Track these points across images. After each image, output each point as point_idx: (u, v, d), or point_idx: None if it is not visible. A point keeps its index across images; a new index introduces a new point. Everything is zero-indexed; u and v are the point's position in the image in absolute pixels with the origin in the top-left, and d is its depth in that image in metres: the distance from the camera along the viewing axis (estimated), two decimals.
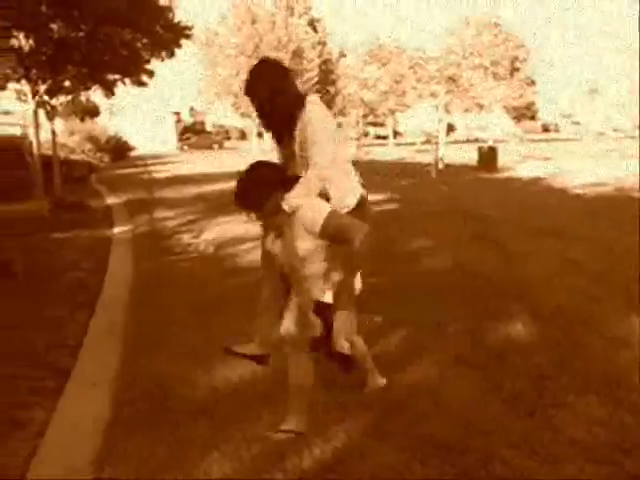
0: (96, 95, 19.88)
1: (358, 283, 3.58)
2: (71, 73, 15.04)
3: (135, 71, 16.21)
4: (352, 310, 3.46)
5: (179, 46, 16.63)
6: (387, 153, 41.35)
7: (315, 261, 3.22)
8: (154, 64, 16.68)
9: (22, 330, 5.41)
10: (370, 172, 16.94)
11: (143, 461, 3.23)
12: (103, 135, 35.74)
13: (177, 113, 65.87)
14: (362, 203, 3.61)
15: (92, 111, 42.51)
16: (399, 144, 56.56)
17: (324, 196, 3.32)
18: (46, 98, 15.40)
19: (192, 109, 72.83)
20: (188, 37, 16.79)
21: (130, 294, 6.53)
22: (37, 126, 14.69)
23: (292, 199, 3.15)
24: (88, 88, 17.07)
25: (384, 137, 61.84)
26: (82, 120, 36.31)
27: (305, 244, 3.16)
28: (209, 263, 7.92)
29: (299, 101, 3.43)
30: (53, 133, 16.46)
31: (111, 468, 3.19)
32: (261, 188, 3.16)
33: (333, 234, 3.08)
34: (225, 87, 49.18)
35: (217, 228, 10.40)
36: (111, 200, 16.22)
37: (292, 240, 3.18)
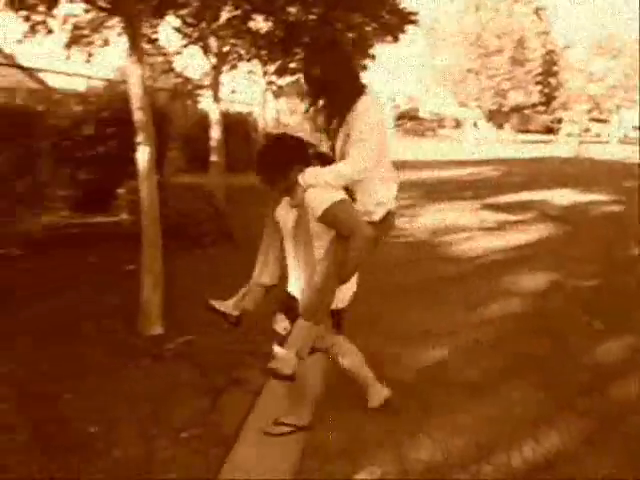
0: None
1: (349, 291, 3.24)
2: (298, 55, 15.60)
3: (360, 55, 16.45)
4: (322, 323, 3.13)
5: (404, 31, 16.60)
6: (607, 152, 38.69)
7: (319, 248, 3.04)
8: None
9: None
10: (592, 171, 15.99)
11: (352, 433, 3.34)
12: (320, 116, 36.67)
13: (393, 99, 66.35)
14: (387, 220, 3.27)
15: None
16: (623, 142, 52.76)
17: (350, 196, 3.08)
18: (273, 78, 16.13)
19: (408, 95, 72.93)
20: (413, 22, 16.70)
21: None
22: (264, 104, 15.42)
23: (309, 176, 2.96)
24: None
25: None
26: (302, 100, 37.68)
27: (316, 226, 3.00)
28: (423, 249, 7.88)
29: (355, 92, 3.13)
30: (277, 112, 17.21)
31: (322, 433, 3.34)
32: (279, 161, 3.02)
33: (331, 222, 2.93)
34: (444, 75, 48.60)
35: (432, 215, 10.33)
36: None
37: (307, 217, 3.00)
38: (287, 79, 17.78)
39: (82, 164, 8.68)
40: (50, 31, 8.42)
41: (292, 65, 16.61)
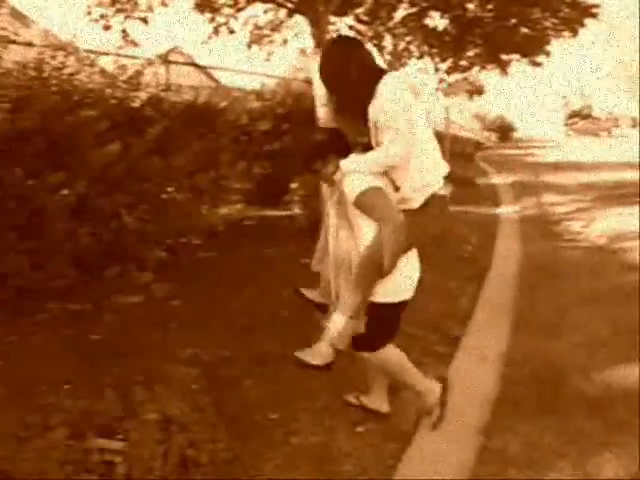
0: (484, 75, 20.00)
1: (396, 284, 3.06)
2: (470, 52, 15.35)
3: (535, 51, 15.88)
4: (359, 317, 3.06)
5: (583, 25, 15.81)
6: None
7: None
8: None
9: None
10: None
11: (530, 443, 3.19)
12: (488, 114, 36.04)
13: (564, 96, 63.73)
14: (432, 206, 3.05)
15: (479, 90, 42.99)
16: None
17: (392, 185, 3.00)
18: (444, 76, 15.97)
19: (581, 93, 69.64)
20: (594, 16, 15.88)
21: (519, 274, 6.44)
22: (434, 102, 15.31)
23: (346, 164, 2.96)
24: (484, 67, 17.23)
25: None
26: (470, 98, 37.10)
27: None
28: (601, 255, 7.45)
29: (376, 76, 2.96)
30: (447, 109, 17.01)
31: (499, 442, 3.21)
32: (318, 151, 3.08)
33: (363, 209, 2.90)
34: (622, 71, 45.93)
35: (609, 219, 9.75)
36: (496, 179, 16.26)
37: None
38: (456, 76, 17.56)
39: (257, 159, 9.01)
40: (232, 32, 8.84)
41: (463, 62, 16.41)
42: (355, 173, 2.93)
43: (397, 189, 3.02)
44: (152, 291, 3.30)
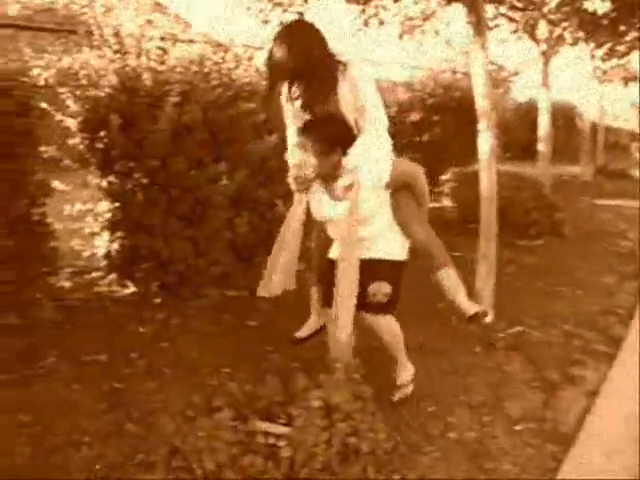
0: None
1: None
2: (628, 36, 14.41)
3: None
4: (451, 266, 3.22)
5: None
6: None
7: (378, 220, 3.08)
8: None
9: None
10: None
11: None
12: None
13: None
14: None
15: (635, 76, 40.31)
16: None
17: None
18: (599, 63, 15.12)
19: None
20: None
21: None
22: (588, 91, 14.55)
23: (354, 156, 2.98)
24: None
25: None
26: (626, 85, 34.96)
27: (368, 203, 2.99)
28: None
29: (336, 62, 3.00)
30: (601, 98, 16.15)
31: None
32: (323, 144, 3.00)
33: (401, 180, 3.08)
34: None
35: None
36: None
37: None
38: (612, 63, 16.56)
39: (407, 150, 8.92)
40: (382, 23, 8.79)
41: (620, 48, 15.44)
42: (366, 160, 2.98)
43: None
44: (304, 279, 3.33)
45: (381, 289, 3.10)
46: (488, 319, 4.54)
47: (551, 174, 8.90)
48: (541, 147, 8.88)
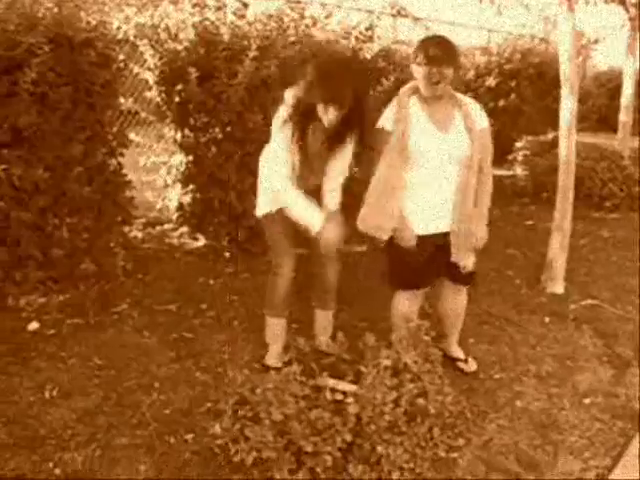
0: None
1: None
2: None
3: None
4: None
5: None
6: None
7: None
8: None
9: None
10: None
11: None
12: None
13: None
14: None
15: None
16: None
17: None
18: None
19: None
20: None
21: None
22: None
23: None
24: None
25: None
26: None
27: None
28: None
29: None
30: None
31: None
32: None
33: None
34: None
35: None
36: None
37: None
38: None
39: None
40: None
41: None
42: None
43: None
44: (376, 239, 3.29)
45: (470, 258, 3.09)
46: (560, 290, 4.47)
47: (630, 146, 8.56)
48: (622, 117, 8.52)
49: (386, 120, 3.00)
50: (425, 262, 3.07)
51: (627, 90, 8.21)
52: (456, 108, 3.01)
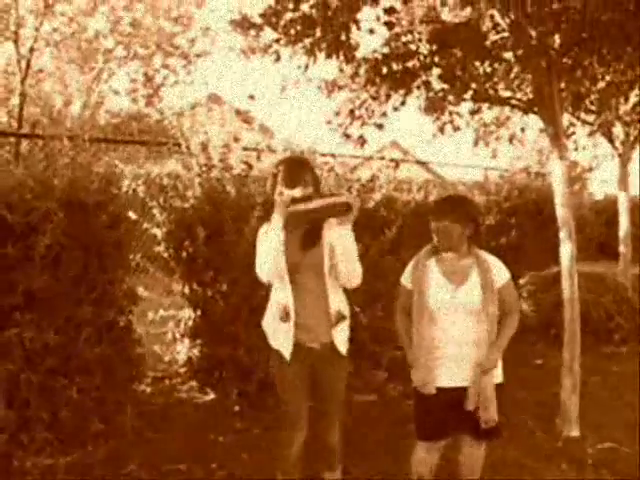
0: None
1: None
2: None
3: None
4: None
5: None
6: None
7: None
8: None
9: None
10: None
11: None
12: None
13: None
14: None
15: None
16: None
17: None
18: None
19: None
20: None
21: None
22: None
23: None
24: None
25: None
26: None
27: None
28: None
29: None
30: None
31: None
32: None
33: None
34: None
35: None
36: None
37: None
38: None
39: None
40: (457, 129, 8.92)
41: None
42: None
43: None
44: (386, 390, 3.26)
45: (490, 409, 3.05)
46: (574, 433, 4.37)
47: (632, 272, 8.65)
48: (622, 249, 8.68)
49: (405, 277, 3.22)
50: (443, 413, 3.07)
51: (623, 224, 8.43)
52: (475, 263, 3.11)
